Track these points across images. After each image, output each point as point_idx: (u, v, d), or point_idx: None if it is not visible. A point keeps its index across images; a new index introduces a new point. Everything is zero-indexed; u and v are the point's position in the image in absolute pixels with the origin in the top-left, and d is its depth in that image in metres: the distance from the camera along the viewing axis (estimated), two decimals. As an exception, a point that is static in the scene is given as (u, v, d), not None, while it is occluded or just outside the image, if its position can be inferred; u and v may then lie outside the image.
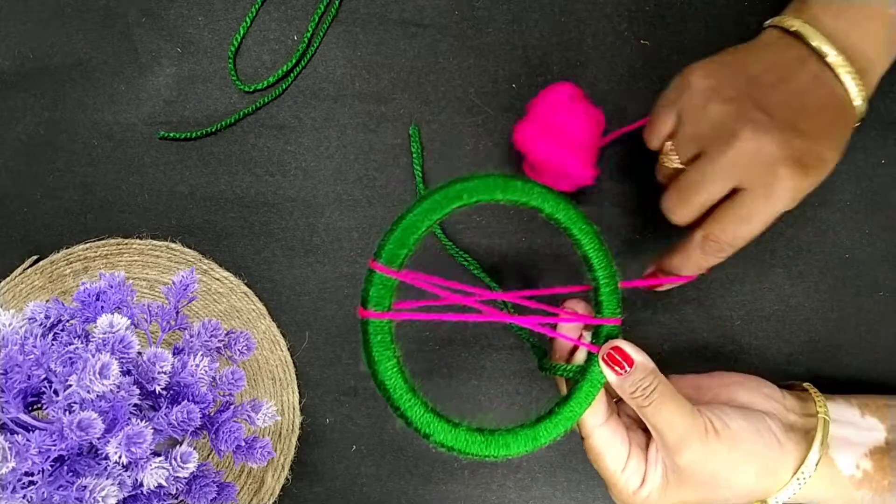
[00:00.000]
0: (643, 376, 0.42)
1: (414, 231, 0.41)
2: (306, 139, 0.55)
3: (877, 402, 0.47)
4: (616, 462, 0.43)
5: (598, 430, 0.43)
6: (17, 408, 0.35)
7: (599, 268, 0.43)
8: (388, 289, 0.41)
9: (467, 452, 0.41)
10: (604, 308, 0.43)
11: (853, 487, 0.43)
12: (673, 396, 0.42)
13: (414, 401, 0.41)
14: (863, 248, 0.52)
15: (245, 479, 0.54)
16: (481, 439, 0.41)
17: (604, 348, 0.43)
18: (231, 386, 0.41)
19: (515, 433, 0.41)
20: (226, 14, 0.55)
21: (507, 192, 0.41)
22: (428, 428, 0.41)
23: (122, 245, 0.55)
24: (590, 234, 0.43)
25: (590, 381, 0.43)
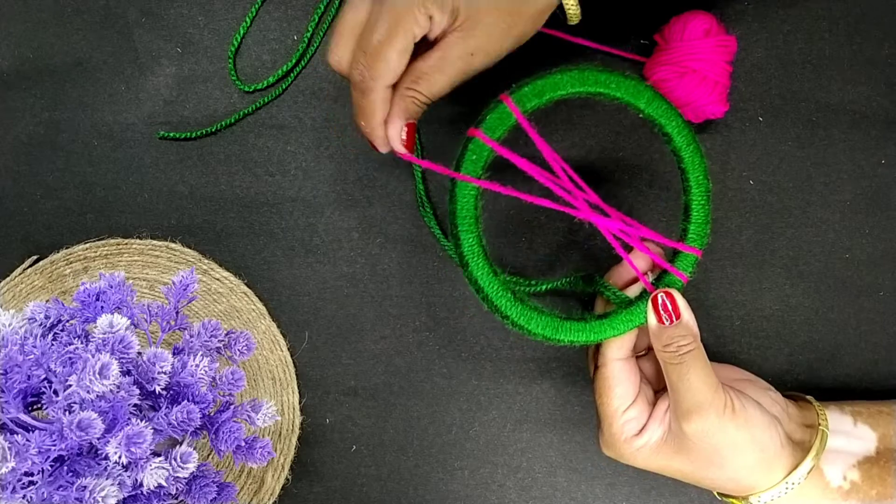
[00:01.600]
0: (684, 333, 0.42)
1: (553, 89, 0.42)
2: (306, 139, 0.55)
3: (870, 410, 0.47)
4: (621, 400, 0.43)
5: (616, 363, 0.43)
6: (17, 408, 0.35)
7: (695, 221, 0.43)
8: (504, 125, 0.42)
9: (493, 302, 0.42)
10: (678, 260, 0.43)
11: (841, 498, 0.43)
12: (704, 364, 0.42)
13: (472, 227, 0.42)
14: (863, 248, 0.52)
15: (245, 479, 0.54)
16: (510, 298, 0.42)
17: (659, 290, 0.43)
18: (231, 386, 0.41)
19: (542, 313, 0.42)
20: (226, 14, 0.55)
21: (650, 105, 0.42)
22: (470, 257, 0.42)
23: (122, 245, 0.55)
24: (703, 186, 0.43)
25: (631, 312, 0.43)
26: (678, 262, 0.43)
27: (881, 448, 0.45)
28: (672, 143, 0.43)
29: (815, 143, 0.52)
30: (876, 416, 0.46)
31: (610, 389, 0.43)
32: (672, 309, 0.42)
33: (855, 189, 0.52)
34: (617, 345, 0.43)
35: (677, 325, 0.42)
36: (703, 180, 0.43)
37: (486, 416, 0.54)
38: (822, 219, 0.52)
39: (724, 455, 0.42)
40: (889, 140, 0.52)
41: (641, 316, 0.43)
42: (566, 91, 0.42)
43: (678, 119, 0.42)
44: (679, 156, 0.43)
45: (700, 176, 0.43)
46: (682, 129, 0.42)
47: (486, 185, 0.42)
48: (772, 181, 0.52)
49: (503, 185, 0.42)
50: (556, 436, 0.54)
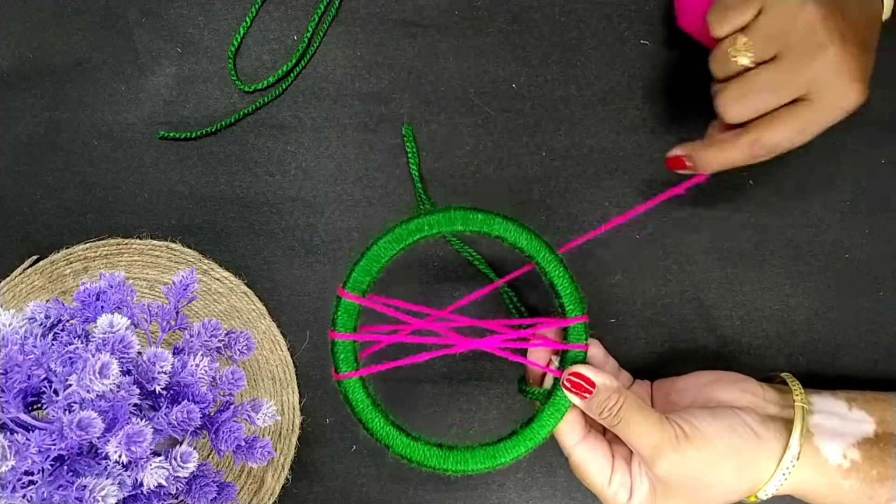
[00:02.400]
0: (607, 396, 0.43)
1: (378, 261, 0.44)
2: (306, 139, 0.55)
3: (864, 396, 0.47)
4: (601, 477, 0.44)
5: (577, 448, 0.44)
6: (17, 407, 0.35)
7: (565, 295, 0.44)
8: (353, 313, 0.44)
9: (425, 464, 0.43)
10: (570, 334, 0.45)
11: (841, 477, 0.43)
12: (640, 410, 0.43)
13: (375, 413, 0.43)
14: (863, 248, 0.52)
15: (245, 479, 0.54)
16: (438, 453, 0.43)
17: (564, 374, 0.44)
18: (231, 386, 0.41)
19: (474, 451, 0.43)
20: (226, 14, 0.55)
21: (467, 223, 0.44)
22: (388, 439, 0.43)
23: (122, 245, 0.55)
24: (554, 261, 0.44)
25: (553, 404, 0.44)
26: (571, 336, 0.45)
27: (880, 431, 0.45)
28: (508, 242, 0.44)
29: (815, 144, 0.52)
30: (871, 402, 0.46)
31: (586, 472, 0.44)
32: (584, 382, 0.44)
33: (855, 189, 0.52)
34: (567, 432, 0.45)
35: (598, 393, 0.43)
36: (550, 255, 0.44)
37: (486, 416, 0.54)
38: (822, 219, 0.52)
39: (702, 479, 0.42)
40: (889, 140, 0.52)
41: (565, 401, 0.44)
42: (389, 255, 0.44)
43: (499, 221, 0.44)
44: (520, 249, 0.44)
45: (547, 255, 0.44)
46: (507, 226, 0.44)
47: (365, 372, 0.44)
48: (772, 181, 0.52)
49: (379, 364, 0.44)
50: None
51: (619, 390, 0.43)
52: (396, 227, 0.44)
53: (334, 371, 0.44)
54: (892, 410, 0.46)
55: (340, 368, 0.43)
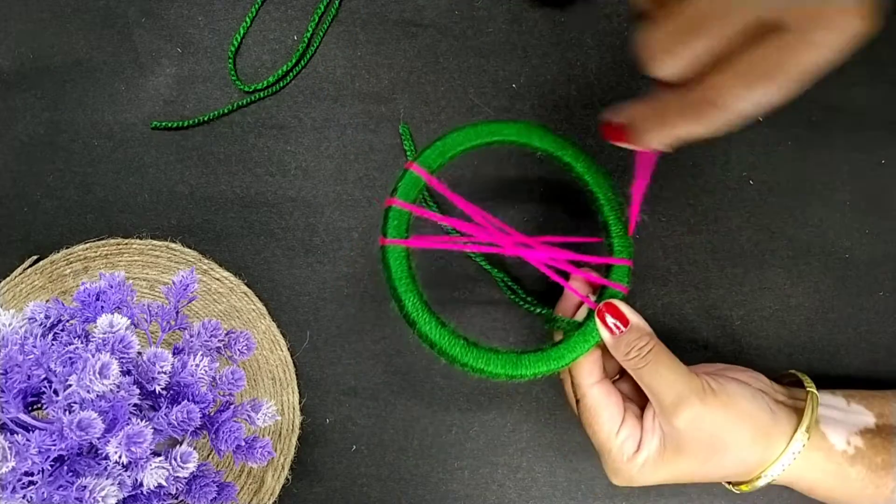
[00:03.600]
0: (638, 336, 0.42)
1: (452, 147, 0.44)
2: (306, 139, 0.55)
3: (861, 393, 0.47)
4: (611, 424, 0.43)
5: (593, 388, 0.43)
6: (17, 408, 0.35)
7: (616, 235, 0.45)
8: (416, 188, 0.43)
9: (447, 353, 0.42)
10: (613, 273, 0.45)
11: (847, 464, 0.43)
12: (669, 357, 0.42)
13: (411, 287, 0.43)
14: (863, 248, 0.52)
15: (245, 479, 0.54)
16: (464, 346, 0.42)
17: (600, 305, 0.43)
18: (231, 386, 0.41)
19: (498, 354, 0.42)
20: (226, 14, 0.55)
21: (543, 141, 0.44)
22: (417, 316, 0.42)
23: (122, 245, 0.55)
24: (613, 201, 0.45)
25: (583, 333, 0.44)
26: (613, 276, 0.45)
27: (880, 423, 0.45)
28: (574, 171, 0.45)
29: (815, 143, 0.52)
30: (869, 398, 0.47)
31: (597, 417, 0.43)
32: (618, 318, 0.43)
33: (855, 189, 0.52)
34: (587, 371, 0.44)
35: (629, 331, 0.42)
36: (612, 196, 0.45)
37: (486, 416, 0.54)
38: (822, 219, 0.52)
39: (721, 437, 0.42)
40: (889, 140, 0.52)
41: (595, 333, 0.44)
42: (465, 146, 0.44)
43: (572, 148, 0.45)
44: (584, 180, 0.45)
45: (608, 193, 0.45)
46: (578, 156, 0.45)
47: (413, 243, 0.43)
48: (772, 181, 0.52)
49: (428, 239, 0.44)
50: (556, 436, 0.54)
51: (651, 334, 0.42)
52: (479, 123, 0.44)
53: (382, 237, 0.43)
54: (890, 405, 0.46)
55: (389, 233, 0.43)
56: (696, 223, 0.53)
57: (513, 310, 0.54)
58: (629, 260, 0.45)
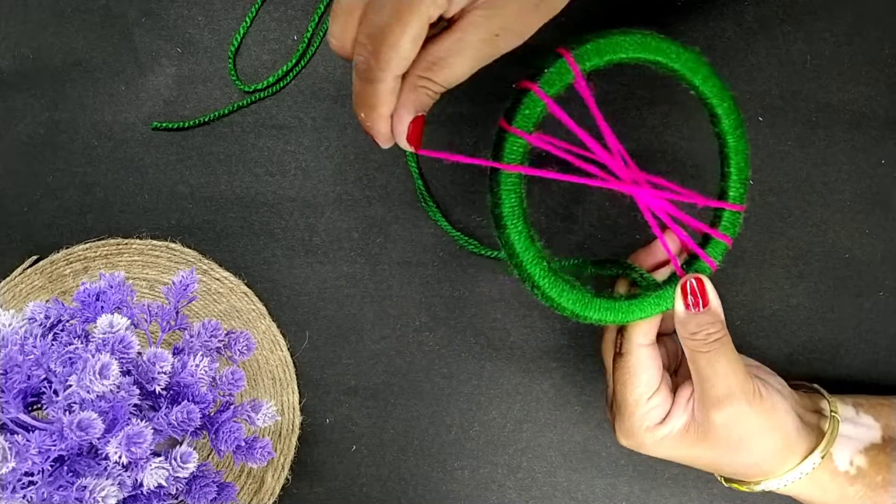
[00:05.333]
0: (712, 321, 0.41)
1: (615, 50, 0.39)
2: (306, 139, 0.55)
3: (871, 402, 0.47)
4: (646, 387, 0.42)
5: (643, 349, 0.42)
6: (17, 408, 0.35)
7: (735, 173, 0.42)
8: (561, 82, 0.39)
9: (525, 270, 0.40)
10: (709, 246, 0.42)
11: (848, 483, 0.43)
12: (733, 351, 0.41)
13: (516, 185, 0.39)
14: (863, 248, 0.52)
15: (245, 479, 0.54)
16: (544, 268, 0.40)
17: (689, 276, 0.41)
18: (231, 386, 0.41)
19: (574, 288, 0.40)
20: (226, 14, 0.55)
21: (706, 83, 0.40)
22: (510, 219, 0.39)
23: (122, 245, 0.55)
24: (744, 175, 0.42)
25: (659, 296, 0.41)
26: (709, 249, 0.42)
27: (886, 436, 0.45)
28: (718, 126, 0.41)
29: (815, 143, 0.52)
30: (877, 407, 0.46)
31: (635, 377, 0.42)
32: (701, 295, 0.41)
33: (855, 189, 0.52)
34: (643, 330, 0.42)
35: (706, 312, 0.41)
36: (745, 167, 0.42)
37: (486, 416, 0.54)
38: (822, 219, 0.52)
39: (750, 442, 0.41)
40: (889, 140, 0.52)
41: (670, 300, 0.41)
42: (626, 55, 0.39)
43: (730, 102, 0.41)
44: (723, 140, 0.42)
45: (741, 163, 0.42)
46: (732, 112, 0.41)
47: (536, 141, 0.39)
48: (772, 181, 0.52)
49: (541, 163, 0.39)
50: (556, 436, 0.54)
51: (723, 322, 0.41)
52: (648, 34, 0.39)
53: (505, 122, 0.39)
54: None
55: (517, 121, 0.39)
56: (696, 223, 0.53)
57: (513, 310, 0.54)
58: (731, 238, 0.42)
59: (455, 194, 0.54)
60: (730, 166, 0.42)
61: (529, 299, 0.53)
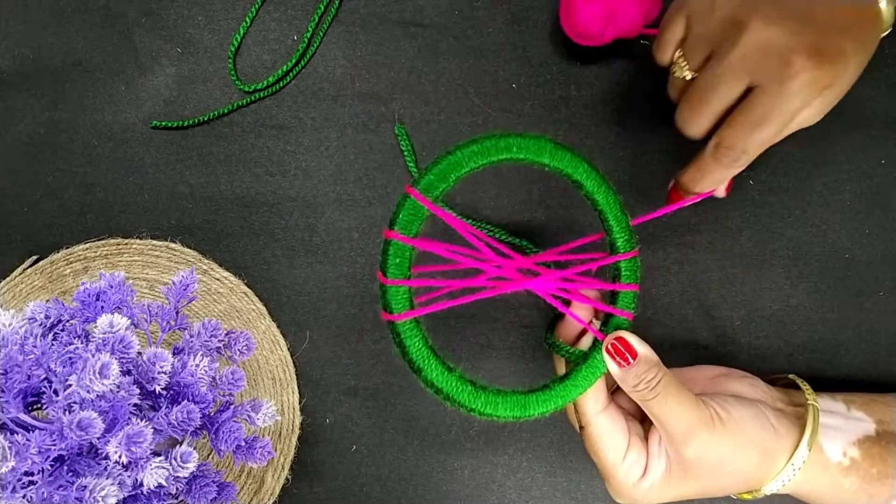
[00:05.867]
0: (647, 368, 0.42)
1: (457, 168, 0.40)
2: (306, 139, 0.55)
3: (863, 398, 0.47)
4: (616, 452, 0.43)
5: (598, 417, 0.43)
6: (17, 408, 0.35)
7: (624, 260, 0.43)
8: (419, 218, 0.40)
9: (454, 399, 0.41)
10: (619, 300, 0.43)
11: (842, 475, 0.44)
12: (678, 388, 0.42)
13: (414, 330, 0.40)
14: (863, 248, 0.52)
15: (245, 479, 0.54)
16: (471, 390, 0.41)
17: (608, 338, 0.42)
18: (231, 386, 0.41)
19: (506, 396, 0.41)
20: (226, 14, 0.55)
21: (554, 158, 0.41)
22: (422, 363, 0.41)
23: (122, 245, 0.55)
24: (623, 223, 0.43)
25: (590, 366, 0.42)
26: (619, 302, 0.43)
27: (880, 430, 0.45)
28: (583, 190, 0.43)
29: (815, 143, 0.52)
30: (870, 403, 0.47)
31: (602, 444, 0.43)
32: (626, 350, 0.42)
33: (855, 189, 0.52)
34: (592, 399, 0.43)
35: (638, 363, 0.42)
36: (622, 216, 0.43)
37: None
38: (822, 219, 0.52)
39: (727, 463, 0.42)
40: (889, 140, 0.52)
41: (601, 365, 0.43)
42: (469, 167, 0.41)
43: (584, 166, 0.42)
44: (593, 199, 0.43)
45: (618, 213, 0.43)
46: (590, 173, 0.42)
47: (415, 283, 0.41)
48: (772, 181, 0.52)
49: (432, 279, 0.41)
50: (556, 436, 0.54)
51: (659, 364, 0.42)
52: (485, 139, 0.41)
53: (381, 274, 0.40)
54: (890, 411, 0.46)
55: (390, 272, 0.40)
56: (696, 223, 0.53)
57: (513, 310, 0.54)
58: (636, 285, 0.43)
59: (454, 193, 0.54)
60: (608, 220, 0.43)
61: (530, 300, 0.54)
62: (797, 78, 0.37)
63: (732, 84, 0.38)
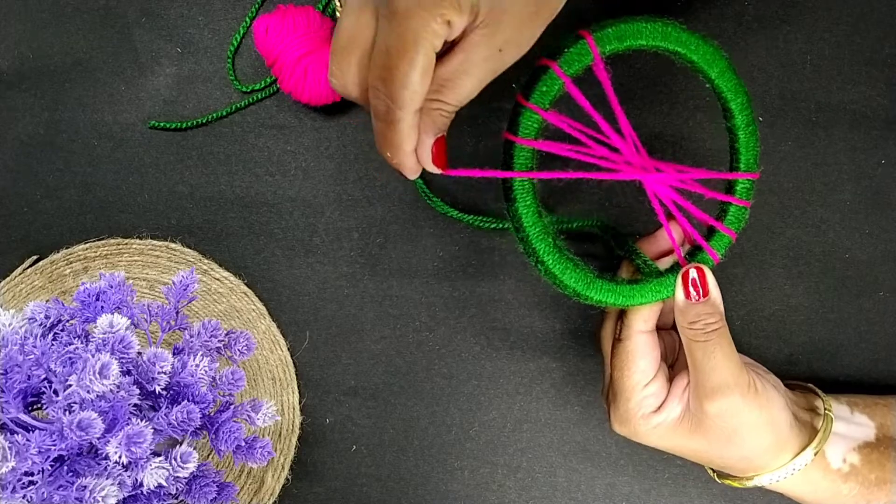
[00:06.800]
0: (711, 311, 0.41)
1: (635, 37, 0.39)
2: (306, 139, 0.55)
3: (866, 401, 0.47)
4: (643, 375, 0.42)
5: (642, 336, 0.42)
6: (17, 408, 0.35)
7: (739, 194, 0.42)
8: (581, 63, 0.40)
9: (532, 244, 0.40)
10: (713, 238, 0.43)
11: (840, 481, 0.44)
12: (729, 344, 0.41)
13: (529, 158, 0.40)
14: (863, 248, 0.52)
15: (245, 479, 0.54)
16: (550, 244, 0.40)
17: (689, 266, 0.42)
18: (231, 386, 0.41)
19: (577, 266, 0.41)
20: (226, 14, 0.55)
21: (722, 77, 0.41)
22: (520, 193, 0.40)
23: (122, 245, 0.55)
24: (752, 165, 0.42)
25: (660, 283, 0.42)
26: (713, 241, 0.43)
27: (880, 435, 0.45)
28: (731, 121, 0.42)
29: (815, 143, 0.52)
30: (872, 406, 0.47)
31: (632, 363, 0.42)
32: (701, 285, 0.41)
33: (855, 189, 0.52)
34: (644, 316, 0.42)
35: (705, 303, 0.41)
36: (753, 165, 0.42)
37: (486, 416, 0.54)
38: (822, 219, 0.52)
39: (742, 435, 0.41)
40: (889, 140, 0.52)
41: (671, 288, 0.42)
42: (646, 42, 0.39)
43: (744, 98, 0.41)
44: (734, 135, 0.42)
45: (751, 159, 0.42)
46: (745, 108, 0.41)
47: (552, 118, 0.40)
48: (772, 181, 0.52)
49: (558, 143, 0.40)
50: (556, 436, 0.54)
51: (722, 314, 0.41)
52: (669, 24, 0.40)
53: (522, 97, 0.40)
54: (892, 415, 0.46)
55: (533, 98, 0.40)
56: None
57: (513, 310, 0.54)
58: (735, 233, 0.42)
59: (455, 192, 0.54)
60: (739, 162, 0.42)
61: (529, 300, 0.54)
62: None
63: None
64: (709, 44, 0.41)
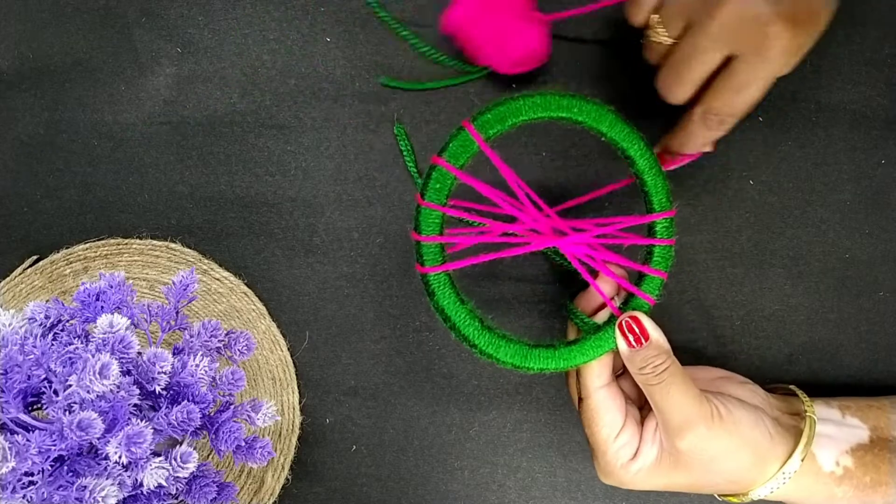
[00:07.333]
0: (656, 353, 0.42)
1: (516, 115, 0.41)
2: (306, 139, 0.55)
3: (858, 404, 0.47)
4: (611, 428, 0.43)
5: (599, 391, 0.43)
6: (17, 408, 0.35)
7: (659, 245, 0.43)
8: (467, 152, 0.41)
9: (461, 331, 0.42)
10: (644, 283, 0.43)
11: (834, 484, 0.44)
12: (683, 379, 0.42)
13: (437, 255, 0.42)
14: (863, 248, 0.52)
15: (245, 479, 0.54)
16: (478, 327, 0.42)
17: (623, 316, 0.43)
18: (231, 386, 0.41)
19: (510, 341, 0.42)
20: (226, 14, 0.55)
21: (613, 129, 0.42)
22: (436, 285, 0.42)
23: (122, 245, 0.55)
24: (666, 207, 0.43)
25: (600, 338, 0.43)
26: (644, 285, 0.44)
27: (874, 437, 0.45)
28: (635, 167, 0.43)
29: (815, 143, 0.52)
30: (865, 409, 0.46)
31: (598, 419, 0.43)
32: (640, 331, 0.42)
33: (855, 189, 0.52)
34: (596, 372, 0.43)
35: (648, 347, 0.42)
36: (667, 203, 0.43)
37: (486, 416, 0.54)
38: (822, 219, 0.52)
39: (720, 461, 0.42)
40: (889, 140, 0.52)
41: (611, 341, 0.43)
42: (527, 116, 0.41)
43: (639, 142, 0.43)
44: (642, 179, 0.43)
45: (663, 199, 0.43)
46: (644, 152, 0.43)
47: (451, 211, 0.42)
48: (772, 181, 0.52)
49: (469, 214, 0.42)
50: (556, 436, 0.54)
51: (669, 353, 0.42)
52: (550, 93, 0.41)
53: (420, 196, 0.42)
54: (886, 417, 0.46)
55: (428, 195, 0.41)
56: (696, 223, 0.53)
57: (512, 310, 0.54)
58: (665, 272, 0.43)
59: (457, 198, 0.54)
60: (653, 203, 0.43)
61: (529, 300, 0.54)
62: (776, 46, 0.38)
63: (713, 54, 0.40)
64: (591, 102, 0.42)
